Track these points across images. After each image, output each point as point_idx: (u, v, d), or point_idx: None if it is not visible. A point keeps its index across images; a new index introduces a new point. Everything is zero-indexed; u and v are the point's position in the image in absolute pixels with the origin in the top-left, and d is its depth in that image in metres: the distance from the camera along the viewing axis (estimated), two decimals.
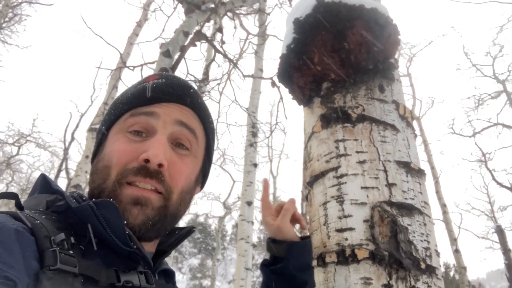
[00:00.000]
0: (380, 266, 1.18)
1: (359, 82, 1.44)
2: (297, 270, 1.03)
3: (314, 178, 1.42)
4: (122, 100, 0.82)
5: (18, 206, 0.66)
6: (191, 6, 3.71)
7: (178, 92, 0.81)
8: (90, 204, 0.60)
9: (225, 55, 3.82)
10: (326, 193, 1.35)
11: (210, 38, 3.69)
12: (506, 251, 9.67)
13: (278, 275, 1.05)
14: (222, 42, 3.81)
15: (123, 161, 0.71)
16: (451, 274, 23.51)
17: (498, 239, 10.23)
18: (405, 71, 16.19)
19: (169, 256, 0.83)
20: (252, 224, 7.47)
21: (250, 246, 7.31)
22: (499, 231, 10.12)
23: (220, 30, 3.77)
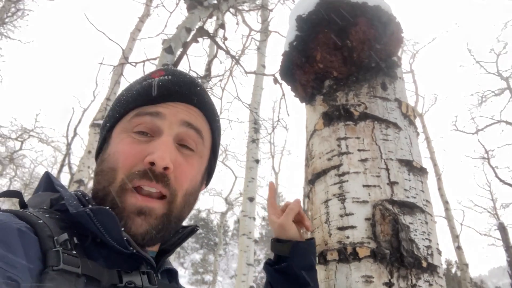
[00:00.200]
0: (381, 264, 1.18)
1: (362, 80, 1.44)
2: (301, 269, 1.04)
3: (316, 176, 1.43)
4: (127, 97, 0.80)
5: (22, 204, 0.65)
6: (194, 2, 3.70)
7: (184, 90, 0.79)
8: (87, 211, 0.60)
9: (227, 52, 3.82)
10: (327, 191, 1.36)
11: (212, 35, 3.69)
12: (508, 248, 9.67)
13: (282, 274, 1.05)
14: (225, 39, 3.81)
15: (129, 164, 0.70)
16: (453, 270, 23.53)
17: (500, 236, 10.24)
18: (408, 68, 16.11)
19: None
20: (254, 220, 7.49)
21: (252, 242, 7.33)
22: (502, 228, 10.12)
23: (222, 26, 3.76)
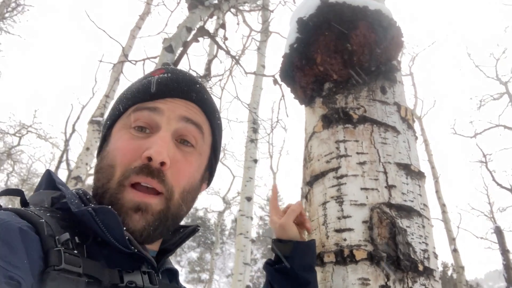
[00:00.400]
0: (378, 267, 1.19)
1: (361, 83, 1.44)
2: (301, 269, 1.05)
3: (314, 178, 1.43)
4: (127, 95, 0.81)
5: (23, 202, 0.65)
6: (195, 1, 3.70)
7: (183, 87, 0.79)
8: (89, 210, 0.60)
9: (227, 52, 3.82)
10: (325, 193, 1.36)
11: (213, 34, 3.69)
12: (504, 252, 9.70)
13: (282, 274, 1.06)
14: (225, 39, 3.80)
15: (127, 160, 0.70)
16: (449, 273, 23.59)
17: (496, 240, 10.27)
18: (407, 71, 16.13)
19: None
20: (251, 219, 7.49)
21: (249, 241, 7.34)
22: (498, 232, 10.15)
23: (223, 26, 3.76)
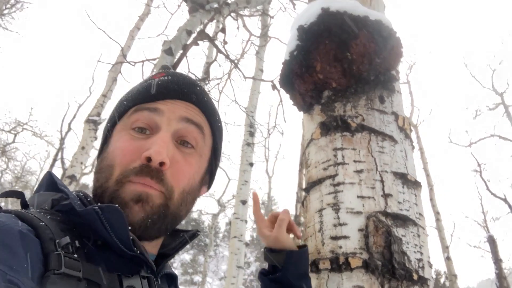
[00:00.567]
0: (373, 275, 1.20)
1: (360, 92, 1.46)
2: (295, 278, 1.05)
3: (311, 185, 1.44)
4: (127, 97, 0.81)
5: (23, 204, 0.65)
6: (196, 5, 3.71)
7: (183, 89, 0.80)
8: (95, 208, 0.60)
9: (227, 56, 3.83)
10: (322, 200, 1.37)
11: (212, 38, 3.70)
12: (497, 261, 9.74)
13: (277, 284, 1.06)
14: (225, 43, 3.82)
15: (126, 160, 0.70)
16: (442, 281, 23.62)
17: (489, 249, 10.31)
18: (404, 79, 16.21)
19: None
20: (245, 222, 7.50)
21: (242, 245, 7.34)
22: (491, 241, 10.19)
23: (223, 30, 3.77)
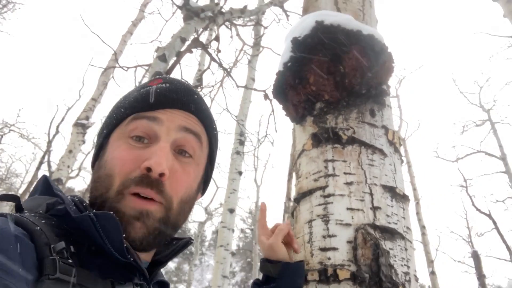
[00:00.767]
0: (360, 287, 1.21)
1: (352, 105, 1.48)
2: None
3: (302, 196, 1.45)
4: (124, 104, 0.80)
5: (18, 208, 0.64)
6: (190, 13, 3.73)
7: (182, 98, 0.79)
8: (90, 215, 0.59)
9: (220, 64, 3.85)
10: (312, 211, 1.38)
11: (206, 46, 3.72)
12: (480, 276, 9.83)
13: None
14: (218, 51, 3.84)
15: (125, 170, 0.69)
16: None
17: (473, 264, 10.41)
18: (394, 93, 16.42)
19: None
20: (232, 231, 7.44)
21: (229, 254, 7.28)
22: (475, 256, 10.30)
23: (217, 38, 3.80)
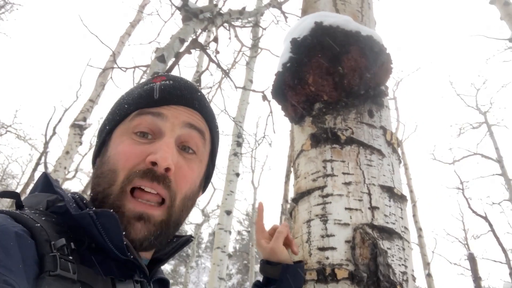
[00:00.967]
0: (358, 287, 1.21)
1: (350, 106, 1.49)
2: None
3: (300, 196, 1.45)
4: (128, 100, 0.80)
5: (18, 205, 0.64)
6: (189, 14, 3.73)
7: (186, 95, 0.80)
8: (90, 213, 0.59)
9: (218, 65, 3.85)
10: (310, 211, 1.38)
11: (205, 47, 3.72)
12: (476, 279, 9.85)
13: None
14: (217, 52, 3.84)
15: (130, 164, 0.69)
16: None
17: (469, 267, 10.44)
18: (391, 95, 16.49)
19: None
20: (229, 233, 7.43)
21: (225, 256, 7.26)
22: (471, 259, 10.32)
23: (215, 40, 3.80)
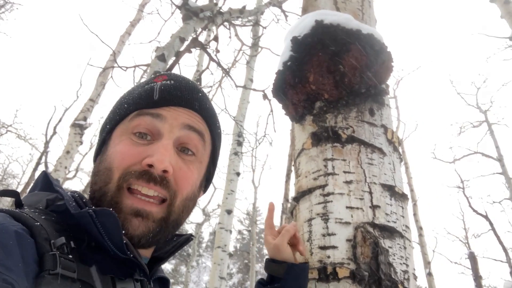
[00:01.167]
0: (359, 285, 1.21)
1: (351, 104, 1.49)
2: None
3: (301, 194, 1.45)
4: (128, 100, 0.80)
5: (18, 203, 0.64)
6: (189, 13, 3.73)
7: (186, 95, 0.79)
8: (90, 212, 0.59)
9: (219, 64, 3.85)
10: (311, 210, 1.38)
11: (205, 46, 3.72)
12: (477, 278, 9.85)
13: None
14: (217, 51, 3.84)
15: (126, 164, 0.69)
16: None
17: (470, 266, 10.43)
18: (392, 93, 16.47)
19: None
20: (230, 232, 7.43)
21: (226, 255, 7.26)
22: (472, 258, 10.31)
23: (216, 39, 3.80)
